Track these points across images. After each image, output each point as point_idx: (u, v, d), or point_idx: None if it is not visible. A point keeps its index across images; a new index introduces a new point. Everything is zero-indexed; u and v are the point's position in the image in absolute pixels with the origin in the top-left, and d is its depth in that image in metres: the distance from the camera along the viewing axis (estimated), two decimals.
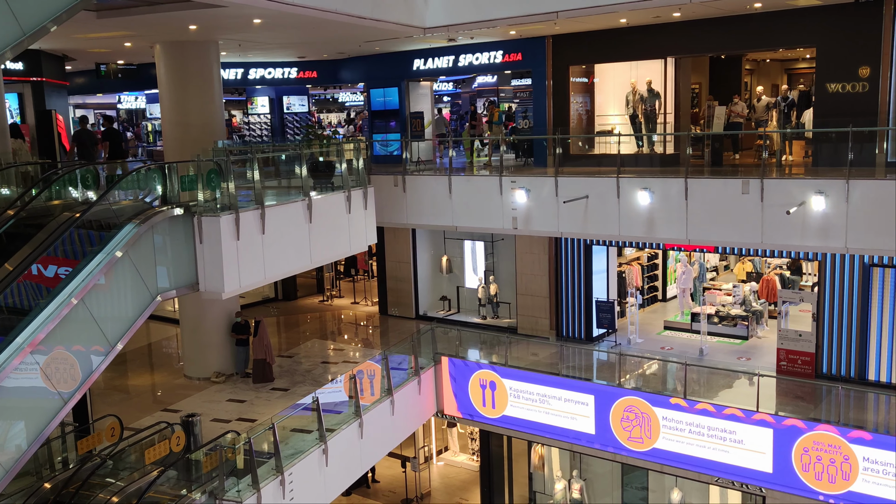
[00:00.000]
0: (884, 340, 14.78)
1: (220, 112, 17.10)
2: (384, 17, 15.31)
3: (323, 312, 23.18)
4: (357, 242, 14.96)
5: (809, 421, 12.88)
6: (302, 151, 13.96)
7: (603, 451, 15.07)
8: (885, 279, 14.62)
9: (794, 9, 14.98)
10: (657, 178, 14.72)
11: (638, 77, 18.51)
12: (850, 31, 14.66)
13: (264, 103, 25.75)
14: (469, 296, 21.45)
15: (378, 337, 20.82)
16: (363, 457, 14.42)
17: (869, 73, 14.54)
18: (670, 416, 13.93)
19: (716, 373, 15.62)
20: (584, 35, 17.82)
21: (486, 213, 16.66)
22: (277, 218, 12.53)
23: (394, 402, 15.22)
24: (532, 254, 18.92)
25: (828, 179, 12.87)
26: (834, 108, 14.89)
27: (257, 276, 12.29)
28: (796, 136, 16.87)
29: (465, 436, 20.61)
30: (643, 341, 18.13)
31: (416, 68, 21.26)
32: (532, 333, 18.95)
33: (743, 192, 13.55)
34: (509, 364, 16.19)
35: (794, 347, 15.61)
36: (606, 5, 14.59)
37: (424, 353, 17.00)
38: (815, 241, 13.15)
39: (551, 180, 15.58)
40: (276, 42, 18.69)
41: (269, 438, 12.13)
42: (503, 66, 19.98)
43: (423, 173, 18.10)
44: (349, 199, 14.45)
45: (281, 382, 16.67)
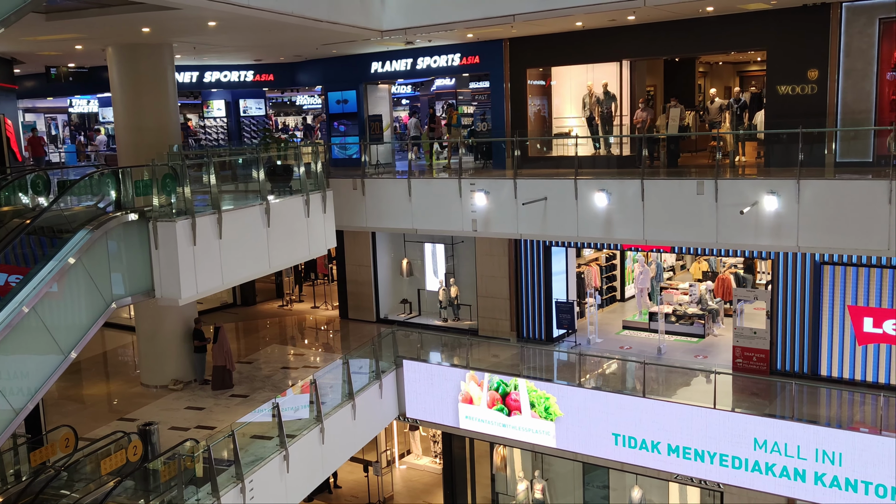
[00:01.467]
0: (835, 337, 15.14)
1: (175, 116, 16.86)
2: (341, 20, 15.25)
3: (282, 317, 22.99)
4: (316, 246, 14.89)
5: (765, 417, 13.16)
6: (259, 155, 13.86)
7: (564, 451, 15.19)
8: (836, 277, 14.97)
9: (745, 13, 15.26)
10: (614, 179, 14.89)
11: (594, 80, 18.71)
12: (799, 34, 15.00)
13: (220, 107, 25.45)
14: (430, 298, 21.46)
15: (339, 341, 20.71)
16: (325, 462, 14.33)
17: (817, 76, 14.88)
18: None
19: (674, 371, 15.85)
20: (541, 38, 17.96)
21: (445, 216, 16.69)
22: (235, 222, 12.40)
23: (355, 407, 15.15)
24: (492, 256, 19.00)
25: (779, 179, 13.15)
26: (785, 109, 15.22)
27: (215, 281, 12.15)
28: (749, 138, 17.19)
29: (428, 438, 20.59)
30: (602, 341, 18.32)
31: (374, 71, 21.22)
32: (493, 335, 19.02)
33: (698, 192, 13.78)
34: (470, 366, 16.22)
35: (750, 345, 15.91)
36: (562, 8, 14.73)
37: (385, 357, 16.96)
38: (768, 240, 13.43)
39: (510, 182, 15.67)
40: (231, 45, 18.50)
41: (228, 446, 11.99)
42: (461, 69, 20.03)
43: (383, 176, 18.07)
44: (308, 203, 14.36)
45: (240, 389, 16.49)
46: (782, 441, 12.76)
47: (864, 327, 14.79)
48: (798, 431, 12.68)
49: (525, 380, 15.37)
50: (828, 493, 12.49)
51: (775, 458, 12.85)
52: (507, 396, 15.52)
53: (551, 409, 14.99)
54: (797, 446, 12.64)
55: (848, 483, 12.31)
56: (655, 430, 13.92)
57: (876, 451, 12.07)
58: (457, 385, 16.15)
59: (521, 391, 15.34)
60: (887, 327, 14.56)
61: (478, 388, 15.87)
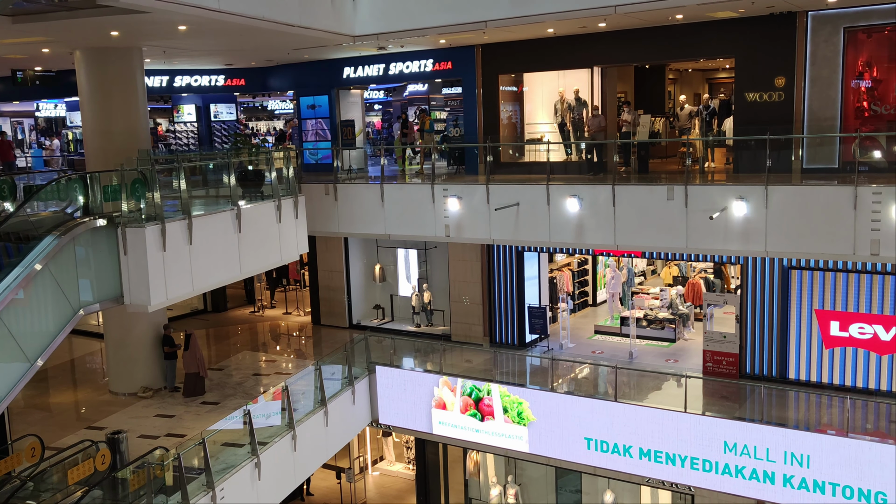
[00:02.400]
0: (802, 340, 15.36)
1: (145, 120, 16.69)
2: (313, 25, 15.21)
3: (254, 324, 22.81)
4: (288, 252, 14.82)
5: (735, 420, 13.31)
6: (230, 160, 13.76)
7: (537, 456, 15.23)
8: (803, 281, 15.20)
9: (714, 21, 15.48)
10: (586, 185, 14.99)
11: (566, 86, 18.84)
12: (767, 42, 15.23)
13: (191, 111, 25.23)
14: (403, 304, 21.42)
15: (311, 347, 20.60)
16: (297, 469, 14.23)
17: (784, 83, 15.12)
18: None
19: (645, 375, 15.99)
20: (513, 44, 18.05)
21: (418, 221, 16.69)
22: (205, 228, 12.31)
23: (328, 413, 15.08)
24: (465, 261, 19.03)
25: (748, 185, 13.33)
26: (753, 116, 15.44)
27: (185, 287, 12.05)
28: (718, 144, 17.41)
29: (401, 445, 20.54)
30: (575, 346, 18.41)
31: (347, 76, 21.18)
32: (466, 340, 19.03)
33: (668, 198, 13.92)
34: (444, 372, 16.22)
35: (719, 349, 16.08)
36: (533, 15, 14.82)
37: (358, 363, 16.90)
38: (737, 245, 13.60)
39: (482, 188, 15.71)
40: (202, 49, 18.36)
41: (199, 453, 11.85)
42: (434, 75, 20.08)
43: (355, 182, 18.03)
44: (279, 209, 14.29)
45: (211, 396, 16.33)
46: (752, 444, 12.90)
47: (831, 331, 15.03)
48: (767, 434, 12.83)
49: (498, 385, 15.39)
50: (796, 494, 12.65)
51: (745, 460, 12.98)
52: (481, 402, 15.53)
53: (524, 413, 15.03)
54: (766, 449, 12.79)
55: (816, 484, 12.47)
56: (627, 434, 14.01)
57: (842, 452, 12.25)
58: (430, 391, 16.14)
59: (494, 396, 15.36)
60: (853, 331, 14.80)
61: (451, 394, 15.86)
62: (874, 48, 14.76)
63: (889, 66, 14.69)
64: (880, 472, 11.96)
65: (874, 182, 12.63)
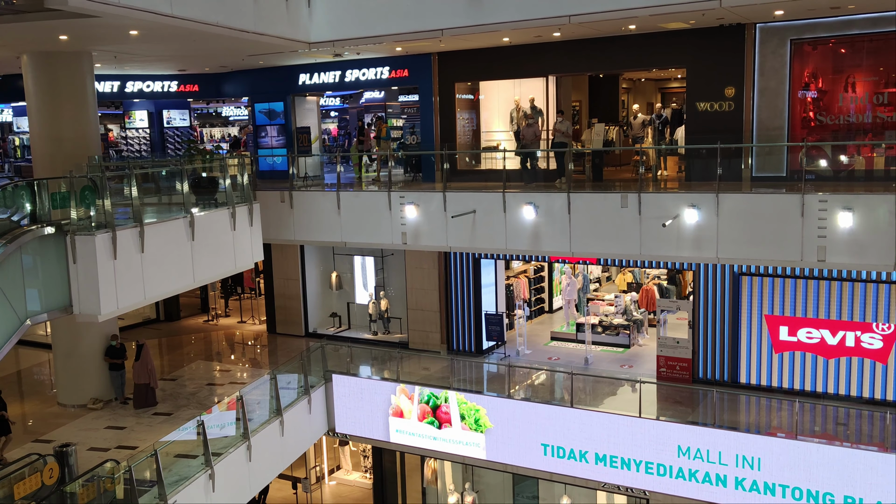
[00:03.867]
0: (753, 345, 15.67)
1: (95, 126, 16.38)
2: (267, 31, 15.10)
3: (208, 333, 22.49)
4: (243, 260, 14.67)
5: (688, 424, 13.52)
6: (183, 167, 13.59)
7: (494, 463, 15.27)
8: (753, 287, 15.52)
9: (666, 31, 15.75)
10: (541, 192, 15.11)
11: (521, 94, 18.99)
12: (717, 53, 15.55)
13: (143, 117, 24.84)
14: (360, 312, 21.33)
15: (266, 356, 20.38)
16: (252, 480, 14.06)
17: (734, 93, 15.45)
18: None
19: (601, 381, 16.14)
20: (470, 53, 18.14)
21: (375, 229, 16.65)
22: (158, 236, 12.13)
23: (283, 423, 14.93)
24: (422, 268, 19.02)
25: (699, 193, 13.56)
26: (704, 125, 15.74)
27: (137, 296, 11.85)
28: (670, 153, 17.69)
29: (358, 453, 20.42)
30: (531, 352, 18.52)
31: (302, 83, 21.06)
32: (423, 348, 19.02)
33: (622, 205, 14.11)
34: (401, 379, 16.17)
35: (673, 354, 16.33)
36: (489, 24, 14.93)
37: (314, 372, 16.78)
38: (689, 252, 13.83)
39: (439, 195, 15.74)
40: (154, 54, 18.09)
41: (151, 466, 11.65)
42: (390, 82, 20.06)
43: (311, 189, 17.92)
44: (234, 216, 14.15)
45: (164, 407, 16.04)
46: (704, 448, 13.12)
47: (780, 335, 15.37)
48: (719, 438, 13.05)
49: (455, 392, 15.41)
50: (748, 497, 12.89)
51: (698, 464, 13.19)
52: (438, 409, 15.52)
53: (481, 420, 15.06)
54: (718, 452, 13.01)
55: (766, 487, 12.72)
56: (583, 440, 14.13)
57: (792, 455, 12.52)
58: (387, 399, 16.08)
59: (451, 404, 15.36)
60: (801, 335, 15.15)
61: (408, 402, 15.83)
62: (819, 60, 15.18)
63: (834, 78, 15.12)
64: (828, 474, 12.24)
65: (820, 190, 12.97)
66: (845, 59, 15.04)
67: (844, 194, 12.66)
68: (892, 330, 14.41)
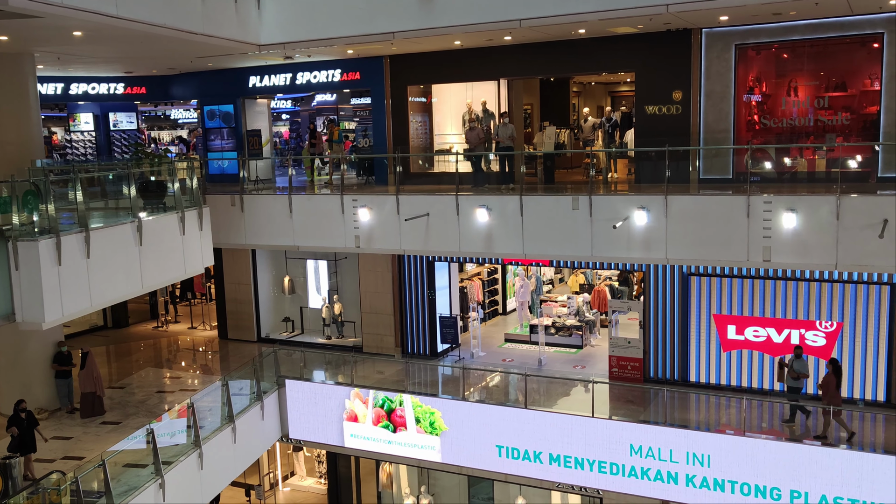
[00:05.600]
0: (702, 344, 15.96)
1: (38, 129, 15.97)
2: (216, 33, 14.91)
3: (157, 339, 22.09)
4: (193, 265, 14.46)
5: (640, 423, 13.70)
6: (130, 171, 13.35)
7: (450, 465, 15.28)
8: (702, 287, 15.81)
9: (615, 36, 15.97)
10: (494, 195, 15.19)
11: (473, 98, 19.07)
12: (665, 57, 15.83)
13: (88, 120, 24.29)
14: (313, 316, 21.17)
15: (218, 362, 20.08)
16: (204, 488, 13.84)
17: (682, 97, 15.74)
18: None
19: (554, 382, 16.27)
20: (422, 56, 18.16)
21: (328, 233, 16.55)
22: (104, 241, 11.89)
23: (236, 430, 14.73)
24: (376, 272, 18.96)
25: (649, 195, 13.80)
26: (652, 128, 16.00)
27: (82, 303, 11.60)
28: (620, 155, 17.96)
29: (312, 459, 20.25)
30: (486, 354, 18.59)
31: (253, 85, 20.84)
32: (378, 351, 18.95)
33: (573, 208, 14.26)
34: (355, 384, 16.09)
35: (625, 354, 16.54)
36: (440, 27, 14.97)
37: (267, 377, 16.60)
38: (639, 254, 14.04)
39: (392, 198, 15.71)
40: (100, 56, 17.72)
41: (99, 476, 11.39)
42: (342, 85, 19.98)
43: (262, 192, 17.74)
44: (183, 220, 13.93)
45: (112, 416, 15.70)
46: (656, 446, 13.31)
47: (728, 334, 15.68)
48: (670, 436, 13.26)
49: (410, 395, 15.38)
50: (698, 493, 13.11)
51: (650, 462, 13.38)
52: (393, 413, 15.48)
53: (436, 423, 15.06)
54: (670, 450, 13.22)
55: (716, 483, 12.96)
56: (537, 441, 14.23)
57: (740, 451, 12.78)
58: (341, 403, 15.98)
59: (406, 407, 15.33)
60: (748, 334, 15.48)
61: (363, 406, 15.75)
62: (763, 64, 15.56)
63: (777, 82, 15.52)
64: (775, 469, 12.53)
65: (765, 191, 13.30)
66: (788, 64, 15.45)
67: (788, 196, 13.02)
68: (834, 328, 14.82)
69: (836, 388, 13.22)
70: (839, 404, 13.10)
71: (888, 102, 14.12)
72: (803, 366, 13.73)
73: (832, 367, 13.33)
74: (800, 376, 13.69)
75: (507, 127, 16.70)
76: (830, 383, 13.21)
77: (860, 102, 14.81)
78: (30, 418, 12.84)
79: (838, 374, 13.30)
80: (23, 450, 12.58)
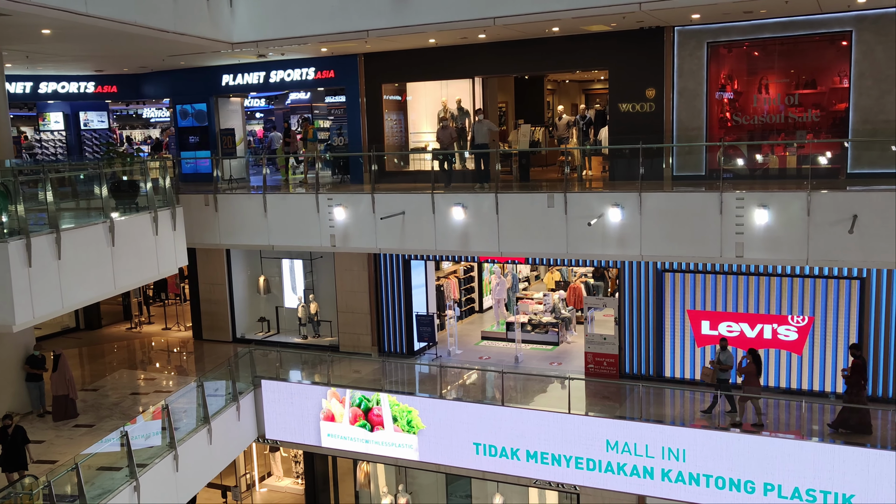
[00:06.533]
0: (677, 340, 16.10)
1: (7, 129, 15.72)
2: (188, 31, 14.77)
3: (131, 341, 21.86)
4: (166, 265, 14.33)
5: (616, 419, 13.80)
6: (102, 170, 13.19)
7: (427, 464, 15.29)
8: (676, 283, 15.95)
9: (589, 34, 16.05)
10: (470, 193, 15.21)
11: (448, 95, 19.07)
12: (638, 55, 15.93)
13: (58, 119, 23.95)
14: (289, 316, 21.06)
15: (192, 363, 19.92)
16: (180, 490, 13.71)
17: (655, 95, 15.85)
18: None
19: (531, 379, 16.34)
20: (396, 54, 18.13)
21: (303, 232, 16.47)
22: (76, 242, 11.74)
23: (211, 431, 14.62)
24: (352, 271, 18.90)
25: (623, 192, 13.88)
26: (626, 126, 16.10)
27: (54, 305, 11.45)
28: (594, 153, 18.04)
29: (289, 459, 20.16)
30: (462, 352, 18.61)
31: (226, 84, 20.68)
32: (354, 350, 18.90)
33: (548, 205, 14.31)
34: (332, 383, 16.04)
35: (600, 350, 16.64)
36: (414, 25, 14.96)
37: (243, 378, 16.50)
38: (614, 250, 14.13)
39: (368, 197, 15.67)
40: (69, 54, 17.49)
41: (72, 480, 11.26)
42: (316, 83, 19.87)
43: (236, 192, 17.61)
44: (156, 220, 13.81)
45: (85, 418, 15.52)
46: (632, 441, 13.41)
47: (702, 330, 15.83)
48: (646, 431, 13.36)
49: (387, 394, 15.36)
50: (674, 488, 13.23)
51: (626, 457, 13.47)
52: (370, 412, 15.45)
53: (414, 422, 15.05)
54: (645, 445, 13.32)
55: (691, 477, 13.09)
56: (514, 438, 14.27)
57: (714, 445, 12.91)
58: (318, 403, 15.92)
59: (383, 406, 15.31)
60: (722, 329, 15.64)
61: (340, 405, 15.71)
62: (735, 62, 15.71)
63: (748, 80, 15.68)
64: (749, 462, 12.67)
65: (737, 188, 13.45)
66: (759, 62, 15.61)
67: (760, 192, 13.15)
68: (806, 322, 15.02)
69: (756, 377, 13.81)
70: (759, 392, 13.76)
71: (857, 99, 14.33)
72: (729, 357, 14.23)
73: (751, 356, 13.85)
74: (727, 368, 14.15)
75: (483, 124, 16.70)
76: (751, 372, 13.76)
77: (830, 100, 15.02)
78: (18, 434, 12.36)
79: (758, 363, 13.88)
80: (7, 466, 12.16)
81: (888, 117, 14.08)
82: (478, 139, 16.63)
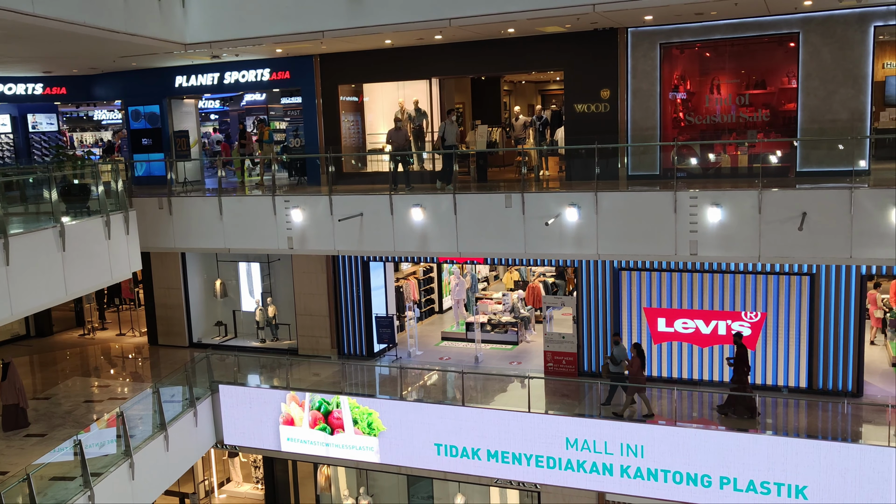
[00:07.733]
0: (634, 337, 16.29)
1: None
2: (139, 32, 14.52)
3: (84, 347, 21.41)
4: (119, 270, 14.07)
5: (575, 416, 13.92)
6: (52, 174, 12.91)
7: (389, 465, 15.24)
8: (632, 281, 16.14)
9: (544, 35, 16.16)
10: (428, 194, 15.21)
11: (405, 96, 19.05)
12: (592, 56, 16.09)
13: (5, 121, 23.33)
14: (246, 319, 20.83)
15: (148, 369, 19.58)
16: (136, 498, 13.48)
17: (609, 95, 16.03)
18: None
19: (491, 378, 16.41)
20: (352, 55, 18.05)
21: (260, 234, 16.31)
22: (24, 247, 11.47)
23: (168, 437, 14.41)
24: (310, 273, 18.77)
25: (579, 192, 14.02)
26: (582, 126, 16.25)
27: (2, 312, 11.19)
28: (551, 153, 18.18)
29: (248, 464, 19.95)
30: (423, 353, 18.60)
31: (179, 85, 20.37)
32: (313, 353, 18.78)
33: (506, 205, 14.39)
34: (291, 387, 15.91)
35: (559, 349, 16.77)
36: (370, 26, 14.91)
37: (200, 383, 16.27)
38: (571, 249, 14.25)
39: (325, 199, 15.58)
40: (16, 55, 17.04)
41: (24, 491, 11.00)
42: (271, 84, 19.69)
43: (191, 195, 17.37)
44: (108, 224, 13.55)
45: (37, 427, 15.16)
46: (591, 438, 13.54)
47: (658, 327, 16.05)
48: (605, 428, 13.50)
49: (347, 397, 15.29)
50: (633, 483, 13.39)
51: (586, 455, 13.60)
52: (330, 415, 15.36)
53: (374, 424, 15.00)
54: (604, 442, 13.46)
55: (649, 473, 13.26)
56: (475, 438, 14.31)
57: (671, 440, 13.09)
58: (277, 407, 15.77)
59: (343, 408, 15.24)
60: (678, 326, 15.88)
61: (299, 409, 15.58)
62: (687, 63, 15.97)
63: (701, 80, 15.95)
64: (705, 457, 12.88)
65: (691, 187, 13.66)
66: (710, 63, 15.89)
67: (713, 191, 13.39)
68: (759, 318, 15.32)
69: (640, 369, 14.30)
70: (643, 383, 14.26)
71: (805, 99, 14.65)
72: (622, 351, 14.71)
73: (636, 350, 14.40)
74: (619, 362, 14.62)
75: (454, 125, 16.73)
76: (634, 364, 14.31)
77: (779, 100, 15.35)
78: None
79: (641, 357, 14.40)
80: None
81: (835, 117, 14.43)
82: (448, 140, 16.64)
